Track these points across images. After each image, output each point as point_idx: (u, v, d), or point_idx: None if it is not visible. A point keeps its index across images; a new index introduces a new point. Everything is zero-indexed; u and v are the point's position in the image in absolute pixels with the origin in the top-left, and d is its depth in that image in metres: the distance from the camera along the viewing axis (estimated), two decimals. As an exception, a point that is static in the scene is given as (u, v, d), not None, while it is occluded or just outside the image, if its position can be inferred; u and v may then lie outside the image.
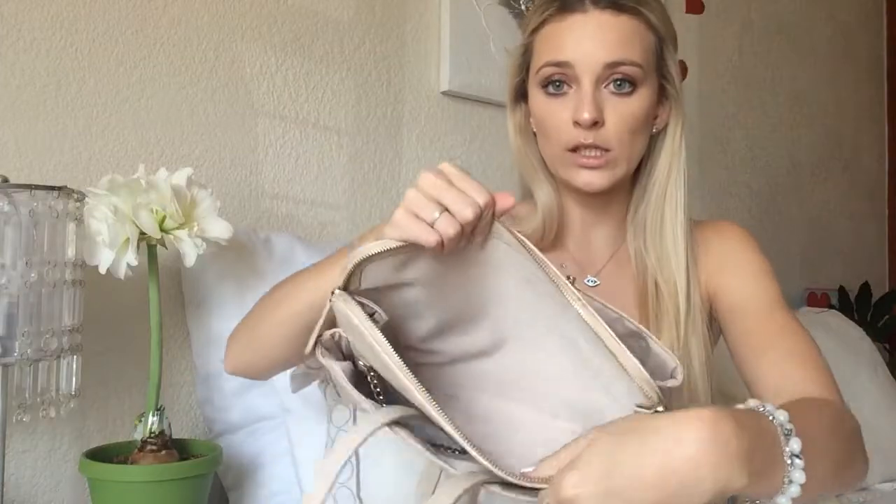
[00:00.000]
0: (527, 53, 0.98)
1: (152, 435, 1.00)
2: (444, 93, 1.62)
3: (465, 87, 1.62)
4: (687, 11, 2.12)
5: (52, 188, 0.94)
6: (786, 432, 0.60)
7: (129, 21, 1.24)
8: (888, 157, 2.82)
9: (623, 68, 0.90)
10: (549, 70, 0.92)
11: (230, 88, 1.34)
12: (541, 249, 0.98)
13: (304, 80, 1.43)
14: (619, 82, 0.91)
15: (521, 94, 1.01)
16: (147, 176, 1.01)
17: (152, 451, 0.99)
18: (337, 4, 1.48)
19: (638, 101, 0.91)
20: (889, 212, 2.81)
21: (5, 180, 0.92)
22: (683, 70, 2.12)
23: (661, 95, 0.96)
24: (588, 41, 0.90)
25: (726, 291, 0.96)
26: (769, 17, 2.37)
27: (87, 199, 0.99)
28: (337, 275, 0.66)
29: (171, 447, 1.02)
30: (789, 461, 0.60)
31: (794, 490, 0.60)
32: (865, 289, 2.45)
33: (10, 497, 1.09)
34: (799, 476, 0.60)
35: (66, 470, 1.16)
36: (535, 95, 0.96)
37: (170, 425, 1.03)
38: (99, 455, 1.02)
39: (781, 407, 0.64)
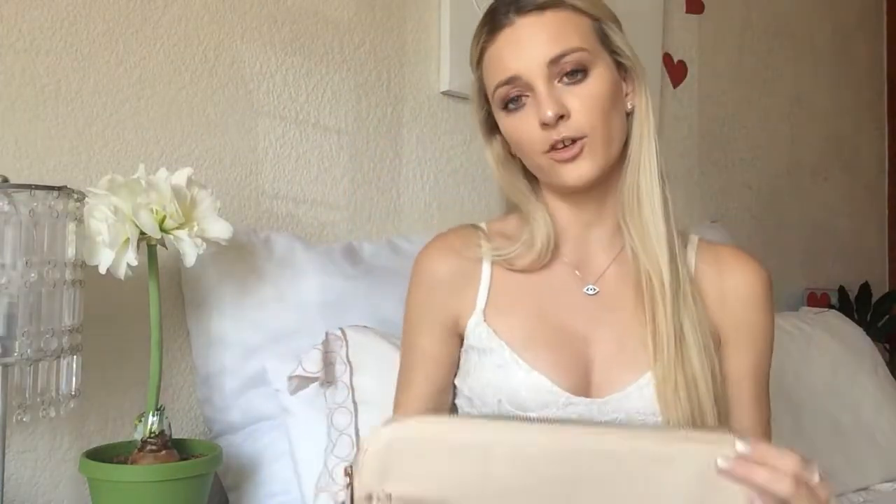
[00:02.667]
0: (481, 86, 1.00)
1: (152, 435, 1.00)
2: (444, 93, 1.62)
3: (465, 87, 1.60)
4: (687, 11, 2.12)
5: (52, 188, 0.94)
6: None
7: (129, 21, 1.24)
8: (888, 157, 2.82)
9: (567, 58, 0.91)
10: (503, 90, 0.94)
11: (230, 88, 1.34)
12: (538, 268, 0.97)
13: (304, 80, 1.43)
14: (570, 72, 0.91)
15: (492, 126, 1.02)
16: (147, 176, 1.01)
17: (152, 451, 1.00)
18: (337, 4, 1.48)
19: (595, 82, 0.92)
20: (889, 212, 2.81)
21: (5, 180, 0.92)
22: (683, 70, 2.13)
23: (623, 72, 0.96)
24: (525, 48, 0.92)
25: (739, 329, 0.98)
26: (769, 17, 2.37)
27: (87, 199, 0.99)
28: None
29: (171, 447, 1.02)
30: None
31: None
32: (865, 289, 2.44)
33: (10, 497, 1.09)
34: None
35: (66, 470, 1.16)
36: (501, 118, 0.97)
37: (170, 425, 1.03)
38: (99, 455, 1.02)
39: None
